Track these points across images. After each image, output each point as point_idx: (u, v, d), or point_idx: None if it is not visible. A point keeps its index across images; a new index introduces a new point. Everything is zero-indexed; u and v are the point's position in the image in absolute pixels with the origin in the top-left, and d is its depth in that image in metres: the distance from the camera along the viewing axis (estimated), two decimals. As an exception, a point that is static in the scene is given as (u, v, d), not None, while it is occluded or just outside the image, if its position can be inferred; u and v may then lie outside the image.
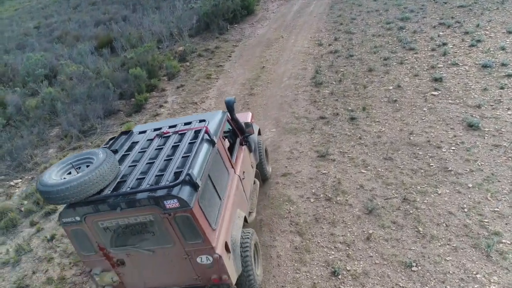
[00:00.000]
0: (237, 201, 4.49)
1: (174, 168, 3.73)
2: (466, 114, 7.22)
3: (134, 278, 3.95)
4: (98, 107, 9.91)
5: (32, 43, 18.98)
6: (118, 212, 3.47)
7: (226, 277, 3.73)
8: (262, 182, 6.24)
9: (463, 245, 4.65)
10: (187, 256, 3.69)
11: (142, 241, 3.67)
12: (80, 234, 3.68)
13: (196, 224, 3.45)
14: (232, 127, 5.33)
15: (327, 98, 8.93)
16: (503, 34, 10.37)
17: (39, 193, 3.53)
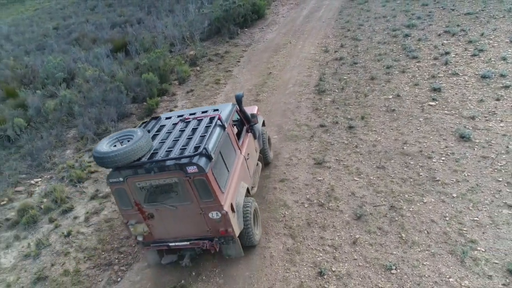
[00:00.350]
0: (241, 175, 5.65)
1: (193, 144, 4.93)
2: (459, 125, 7.57)
3: (160, 229, 5.12)
4: (112, 110, 10.58)
5: (51, 44, 19.88)
6: (152, 174, 4.63)
7: (230, 230, 4.91)
8: (264, 165, 7.34)
9: (440, 251, 5.07)
10: (202, 212, 4.84)
11: (168, 199, 4.86)
12: (121, 192, 4.87)
13: (209, 186, 4.62)
14: (240, 117, 6.54)
15: (328, 106, 9.37)
16: (506, 44, 10.58)
17: (94, 159, 4.65)
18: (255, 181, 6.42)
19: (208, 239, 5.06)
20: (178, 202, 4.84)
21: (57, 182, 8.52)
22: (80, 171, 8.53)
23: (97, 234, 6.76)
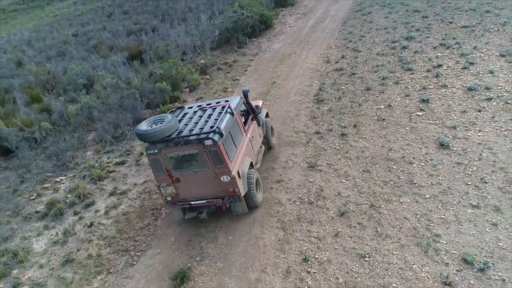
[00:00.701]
0: (247, 152, 7.32)
1: (209, 125, 6.62)
2: (441, 134, 8.42)
3: (184, 191, 6.80)
4: (128, 115, 11.72)
5: (71, 51, 21.30)
6: (179, 147, 6.34)
7: (237, 190, 6.56)
8: (267, 149, 9.06)
9: (409, 243, 5.96)
10: (215, 176, 6.49)
11: (190, 166, 6.54)
12: (156, 161, 6.56)
13: (221, 156, 6.27)
14: (246, 108, 8.21)
15: (325, 114, 10.30)
16: (495, 57, 11.35)
17: (137, 136, 6.37)
18: (258, 159, 8.04)
19: (220, 198, 6.71)
20: (198, 169, 6.53)
21: (79, 180, 9.65)
22: (100, 170, 9.65)
23: (116, 225, 7.83)
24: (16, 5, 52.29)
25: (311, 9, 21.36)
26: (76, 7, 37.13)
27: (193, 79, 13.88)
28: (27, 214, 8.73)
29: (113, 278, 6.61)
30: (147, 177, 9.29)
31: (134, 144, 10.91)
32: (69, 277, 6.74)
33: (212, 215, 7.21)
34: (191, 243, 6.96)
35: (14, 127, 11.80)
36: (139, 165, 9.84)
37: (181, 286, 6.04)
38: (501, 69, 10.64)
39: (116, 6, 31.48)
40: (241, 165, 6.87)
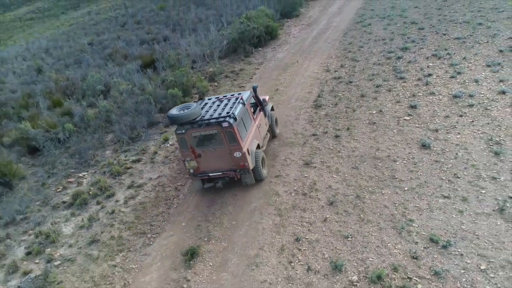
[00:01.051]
0: (255, 135, 9.09)
1: (225, 111, 8.38)
2: (424, 136, 9.48)
3: (204, 165, 8.53)
4: (143, 119, 12.98)
5: (87, 59, 22.80)
6: (202, 128, 8.10)
7: (247, 164, 8.30)
8: (272, 137, 10.79)
9: (386, 226, 7.02)
10: (230, 152, 8.21)
11: (210, 144, 8.26)
12: (183, 139, 8.29)
13: (235, 135, 8.00)
14: (255, 100, 10.01)
15: (322, 118, 11.43)
16: (482, 67, 12.40)
17: (168, 119, 8.17)
18: (264, 143, 9.88)
19: (233, 171, 8.46)
20: (216, 146, 8.32)
21: (100, 175, 10.89)
22: (118, 167, 10.89)
23: (134, 212, 9.02)
24: (32, 13, 54.69)
25: (315, 20, 22.61)
26: (90, 16, 38.99)
27: (202, 86, 15.13)
28: (55, 204, 9.97)
29: (132, 255, 7.77)
30: (160, 172, 10.49)
31: (148, 144, 12.14)
32: (95, 254, 7.92)
33: (226, 185, 9.02)
34: (200, 227, 8.10)
35: (40, 128, 13.12)
36: (153, 162, 11.05)
37: (191, 261, 7.17)
38: (485, 79, 11.68)
39: (129, 16, 33.14)
40: (250, 145, 8.65)
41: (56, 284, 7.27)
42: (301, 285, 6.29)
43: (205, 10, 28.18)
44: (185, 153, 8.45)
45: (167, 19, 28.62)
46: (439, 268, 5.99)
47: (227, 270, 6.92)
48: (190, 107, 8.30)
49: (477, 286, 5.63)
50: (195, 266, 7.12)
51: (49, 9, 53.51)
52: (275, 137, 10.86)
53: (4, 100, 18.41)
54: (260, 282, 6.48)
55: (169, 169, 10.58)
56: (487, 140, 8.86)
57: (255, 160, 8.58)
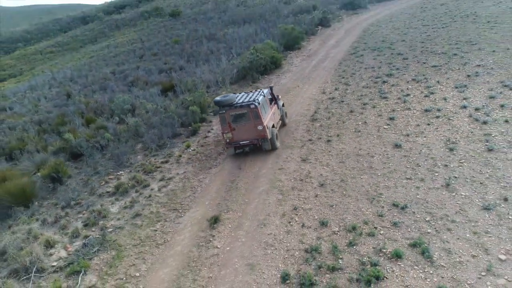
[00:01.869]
0: (271, 118, 13.35)
1: (252, 99, 12.87)
2: (397, 140, 12.10)
3: (237, 136, 12.71)
4: (168, 130, 15.76)
5: (111, 86, 26.05)
6: (237, 108, 12.52)
7: (266, 135, 12.54)
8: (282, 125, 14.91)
9: (362, 198, 9.50)
10: (255, 126, 12.46)
11: (241, 120, 12.58)
12: (223, 117, 12.63)
13: (259, 114, 12.37)
14: (271, 96, 14.29)
15: (317, 128, 14.13)
16: (451, 89, 15.20)
17: (215, 102, 12.89)
18: (277, 126, 13.92)
19: (256, 140, 12.56)
20: (245, 122, 12.45)
21: (135, 172, 13.51)
22: (150, 166, 13.53)
23: (167, 196, 11.57)
24: (52, 47, 59.51)
25: (314, 52, 25.91)
26: (109, 50, 43.06)
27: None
28: (100, 193, 12.55)
29: (168, 223, 10.26)
30: (185, 169, 13.10)
31: (173, 150, 14.83)
32: (139, 223, 10.41)
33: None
34: (220, 204, 10.62)
35: (82, 138, 15.92)
36: (179, 162, 13.70)
37: (215, 224, 9.65)
38: (452, 97, 14.44)
39: (146, 49, 36.97)
40: (268, 123, 12.72)
41: (112, 241, 9.72)
42: (297, 235, 8.72)
43: (216, 44, 31.77)
44: (224, 128, 12.61)
45: (181, 52, 32.21)
46: (397, 220, 8.44)
47: (242, 229, 9.37)
48: (228, 95, 12.82)
49: (422, 231, 8.05)
50: (218, 228, 9.58)
51: (68, 43, 58.24)
52: (285, 125, 15.00)
53: (42, 119, 21.41)
54: (267, 235, 8.92)
55: (192, 167, 13.20)
56: (446, 141, 11.45)
57: (271, 133, 12.74)
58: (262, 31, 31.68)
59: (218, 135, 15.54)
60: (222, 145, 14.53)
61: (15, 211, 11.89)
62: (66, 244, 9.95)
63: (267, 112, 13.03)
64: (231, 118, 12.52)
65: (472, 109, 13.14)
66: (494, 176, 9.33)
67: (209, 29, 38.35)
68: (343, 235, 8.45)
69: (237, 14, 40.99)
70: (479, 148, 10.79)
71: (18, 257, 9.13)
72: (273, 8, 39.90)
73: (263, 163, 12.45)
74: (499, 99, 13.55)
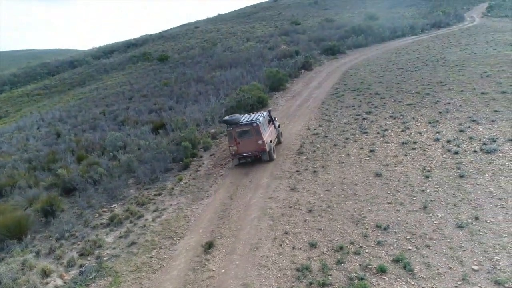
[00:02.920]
0: (269, 135, 15.91)
1: (254, 118, 15.67)
2: (378, 169, 13.05)
3: (241, 149, 15.42)
4: (160, 165, 16.37)
5: (102, 125, 26.73)
6: (242, 126, 15.39)
7: (265, 148, 15.17)
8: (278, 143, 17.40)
9: (347, 222, 10.21)
10: (256, 140, 15.12)
11: (245, 136, 15.28)
12: (230, 133, 15.48)
13: (259, 131, 15.10)
14: (269, 118, 17.08)
15: (303, 161, 15.03)
16: (425, 124, 16.53)
17: (223, 121, 16.30)
18: (274, 142, 16.34)
19: (257, 152, 15.17)
20: (249, 137, 15.11)
21: (129, 205, 13.91)
22: (143, 198, 13.99)
23: (161, 225, 11.99)
24: (40, 90, 60.25)
25: (298, 93, 27.47)
26: (98, 91, 44.12)
27: (207, 141, 18.86)
28: (94, 225, 12.86)
29: (164, 250, 10.65)
30: (178, 201, 13.62)
31: (166, 184, 15.37)
32: (135, 251, 10.75)
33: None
34: (213, 231, 11.12)
35: (75, 173, 16.32)
36: (171, 194, 14.22)
37: (209, 249, 10.12)
38: (426, 131, 15.72)
39: (135, 91, 38.17)
40: (267, 138, 15.20)
41: (109, 268, 10.00)
42: (288, 256, 9.28)
43: (204, 86, 33.25)
44: (230, 142, 15.31)
45: (170, 93, 33.47)
46: (380, 239, 9.14)
47: (235, 253, 9.87)
48: (235, 116, 15.83)
49: (403, 248, 8.76)
50: (212, 253, 10.05)
51: (56, 86, 59.22)
52: (280, 142, 17.49)
53: (32, 157, 21.71)
54: (260, 257, 9.44)
55: (185, 198, 13.74)
56: (422, 169, 12.47)
57: (269, 147, 15.25)
58: (248, 74, 33.44)
59: (209, 169, 16.23)
60: (213, 177, 15.20)
61: (8, 244, 12.03)
62: (62, 272, 10.16)
63: (266, 130, 15.49)
64: (237, 134, 15.04)
65: (444, 141, 14.36)
66: (466, 199, 10.26)
67: (197, 72, 40.08)
68: (332, 254, 9.05)
69: (224, 59, 43.12)
70: (452, 175, 11.81)
71: (15, 286, 9.29)
72: (258, 53, 42.25)
73: (254, 193, 13.12)
74: (468, 132, 14.87)
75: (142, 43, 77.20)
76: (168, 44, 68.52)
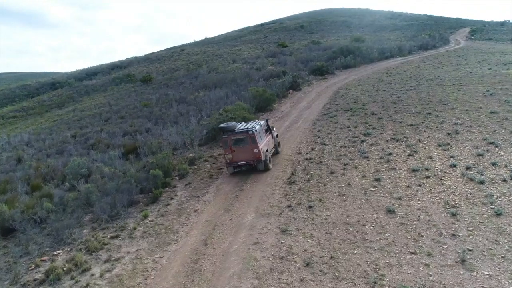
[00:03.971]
0: (265, 144, 14.96)
1: (250, 126, 14.69)
2: (389, 204, 10.29)
3: (236, 157, 14.33)
4: (124, 198, 13.30)
5: (70, 149, 23.52)
6: (237, 133, 14.34)
7: (261, 157, 14.15)
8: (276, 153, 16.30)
9: (360, 282, 7.32)
10: (252, 149, 14.07)
11: (240, 144, 14.22)
12: (225, 141, 14.37)
13: (255, 139, 14.07)
14: (267, 127, 16.01)
15: (295, 192, 12.19)
16: (434, 147, 13.99)
17: (220, 128, 15.23)
18: (270, 152, 15.41)
19: (252, 161, 14.14)
20: (244, 145, 14.12)
21: (76, 251, 10.74)
22: (96, 243, 10.85)
23: (109, 284, 8.84)
24: (16, 112, 56.52)
25: (287, 113, 24.91)
26: (75, 113, 40.88)
27: (183, 168, 15.91)
28: (25, 281, 9.62)
29: (107, 326, 7.49)
30: (139, 246, 10.52)
31: (128, 221, 12.27)
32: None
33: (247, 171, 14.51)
34: (178, 295, 8.04)
35: (17, 209, 13.09)
36: (132, 237, 11.12)
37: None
38: (438, 155, 13.15)
39: (113, 112, 35.12)
40: (263, 147, 14.36)
41: None
42: None
43: (186, 106, 30.46)
44: (226, 150, 14.40)
45: (150, 114, 30.53)
46: (411, 315, 6.25)
47: (205, 332, 6.81)
48: (231, 123, 15.11)
49: (448, 329, 5.89)
50: (173, 332, 6.95)
51: (33, 108, 55.64)
52: (278, 153, 16.36)
53: (-20, 187, 18.27)
54: None
55: (148, 243, 10.65)
56: (444, 204, 9.76)
57: (265, 156, 14.37)
58: (233, 94, 30.89)
59: (182, 202, 13.22)
60: (186, 214, 12.22)
61: None
62: None
63: (262, 138, 14.82)
64: (232, 142, 14.25)
65: (462, 168, 11.79)
66: (515, 248, 7.54)
67: (179, 93, 37.42)
68: (343, 339, 6.12)
69: (209, 79, 40.62)
70: (485, 212, 9.13)
71: None
72: (244, 74, 39.94)
73: (235, 236, 10.16)
74: (488, 156, 12.37)
75: (127, 65, 74.60)
76: (153, 66, 66.06)
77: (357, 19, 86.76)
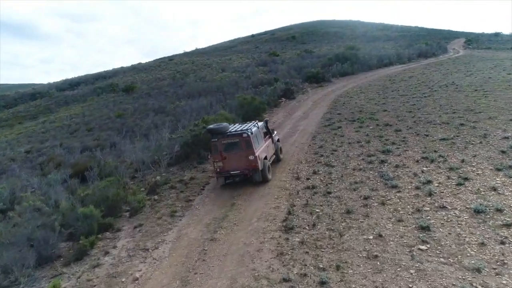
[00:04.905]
0: (264, 150, 11.94)
1: (245, 128, 11.70)
2: (464, 282, 5.65)
3: (227, 165, 11.41)
4: (33, 253, 8.43)
5: (13, 168, 18.55)
6: (229, 137, 11.41)
7: (257, 166, 11.18)
8: (277, 161, 13.37)
9: None
10: (246, 155, 11.17)
11: (233, 149, 11.38)
12: (215, 146, 11.45)
13: (251, 143, 11.19)
14: (266, 130, 13.28)
15: (296, 249, 7.47)
16: (491, 171, 9.48)
17: (208, 130, 11.71)
18: (270, 159, 12.45)
19: (247, 170, 11.23)
20: (237, 151, 11.25)
21: None
22: None
23: None
24: (-13, 124, 51.08)
25: (279, 124, 20.30)
26: (44, 125, 35.83)
27: (137, 200, 11.12)
28: None
29: None
30: None
31: (26, 298, 7.40)
32: None
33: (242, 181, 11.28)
34: None
35: None
36: None
37: None
38: (504, 185, 8.63)
39: (83, 124, 30.24)
40: (260, 154, 11.41)
41: None
42: None
43: (164, 117, 25.80)
44: (215, 156, 11.40)
45: (121, 126, 25.81)
46: None
47: None
48: (222, 124, 11.72)
49: None
50: None
51: (6, 120, 50.33)
52: (279, 160, 13.38)
53: None
54: None
55: None
56: None
57: (263, 164, 11.38)
58: (217, 102, 26.32)
59: (121, 260, 8.37)
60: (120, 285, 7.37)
61: None
62: None
63: (260, 143, 11.93)
64: (223, 147, 11.37)
65: (558, 209, 7.23)
66: None
67: (160, 102, 32.71)
68: None
69: (194, 88, 36.07)
70: None
71: None
72: (232, 82, 35.46)
73: None
74: None
75: (112, 75, 69.71)
76: (138, 76, 61.22)
77: (349, 30, 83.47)
